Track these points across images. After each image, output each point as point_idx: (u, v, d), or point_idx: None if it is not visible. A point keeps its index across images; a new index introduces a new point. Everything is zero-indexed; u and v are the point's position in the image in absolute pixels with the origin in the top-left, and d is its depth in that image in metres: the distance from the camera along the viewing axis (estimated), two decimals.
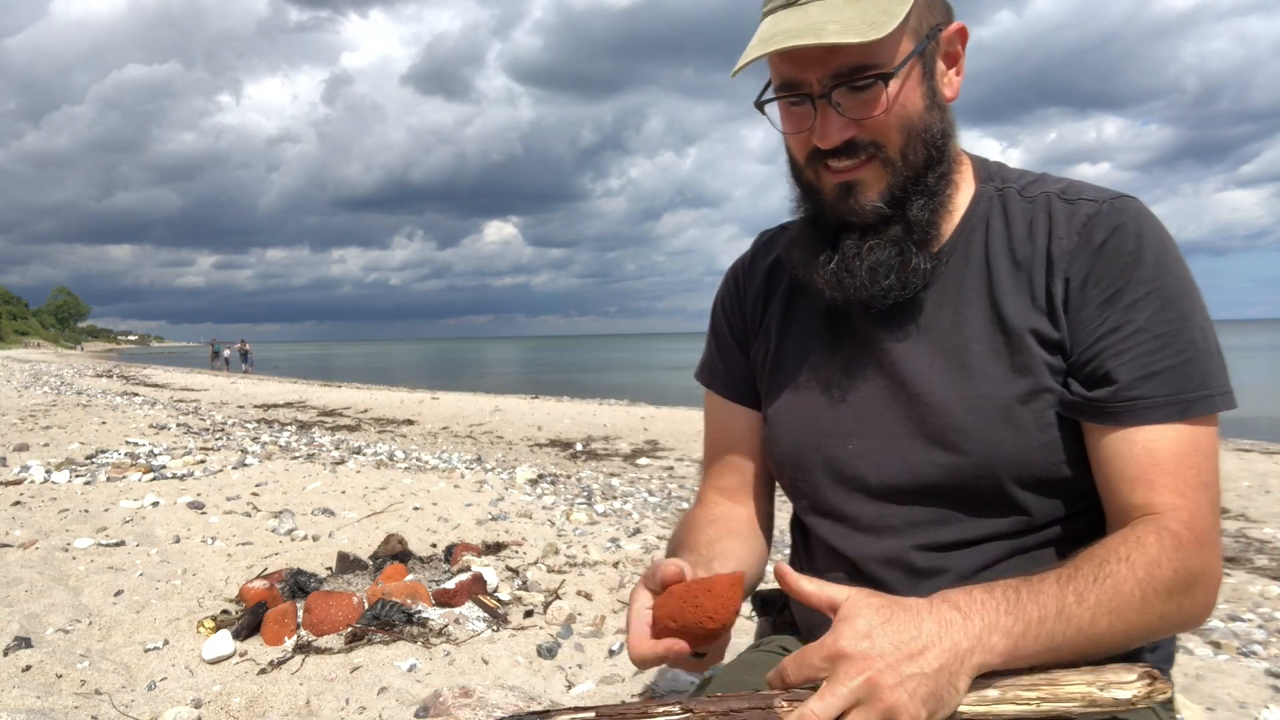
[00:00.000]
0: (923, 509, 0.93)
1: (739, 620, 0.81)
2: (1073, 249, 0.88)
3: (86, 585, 2.84)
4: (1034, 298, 0.90)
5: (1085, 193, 0.92)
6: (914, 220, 0.90)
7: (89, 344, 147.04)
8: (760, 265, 1.13)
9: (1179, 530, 0.81)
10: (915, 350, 0.95)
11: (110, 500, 4.32)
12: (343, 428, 8.53)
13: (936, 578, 0.93)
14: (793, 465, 1.03)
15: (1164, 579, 0.78)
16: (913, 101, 0.87)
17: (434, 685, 2.09)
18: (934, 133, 0.90)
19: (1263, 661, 2.37)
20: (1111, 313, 0.85)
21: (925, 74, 0.88)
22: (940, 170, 0.91)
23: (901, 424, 0.94)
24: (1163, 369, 0.84)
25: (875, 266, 0.90)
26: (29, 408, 10.13)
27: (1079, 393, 0.86)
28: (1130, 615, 0.76)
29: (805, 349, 1.04)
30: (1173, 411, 0.83)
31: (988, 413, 0.89)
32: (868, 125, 0.87)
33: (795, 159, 0.95)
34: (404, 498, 4.59)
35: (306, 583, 2.73)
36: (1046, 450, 0.88)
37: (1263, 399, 15.37)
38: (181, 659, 2.25)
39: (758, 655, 1.10)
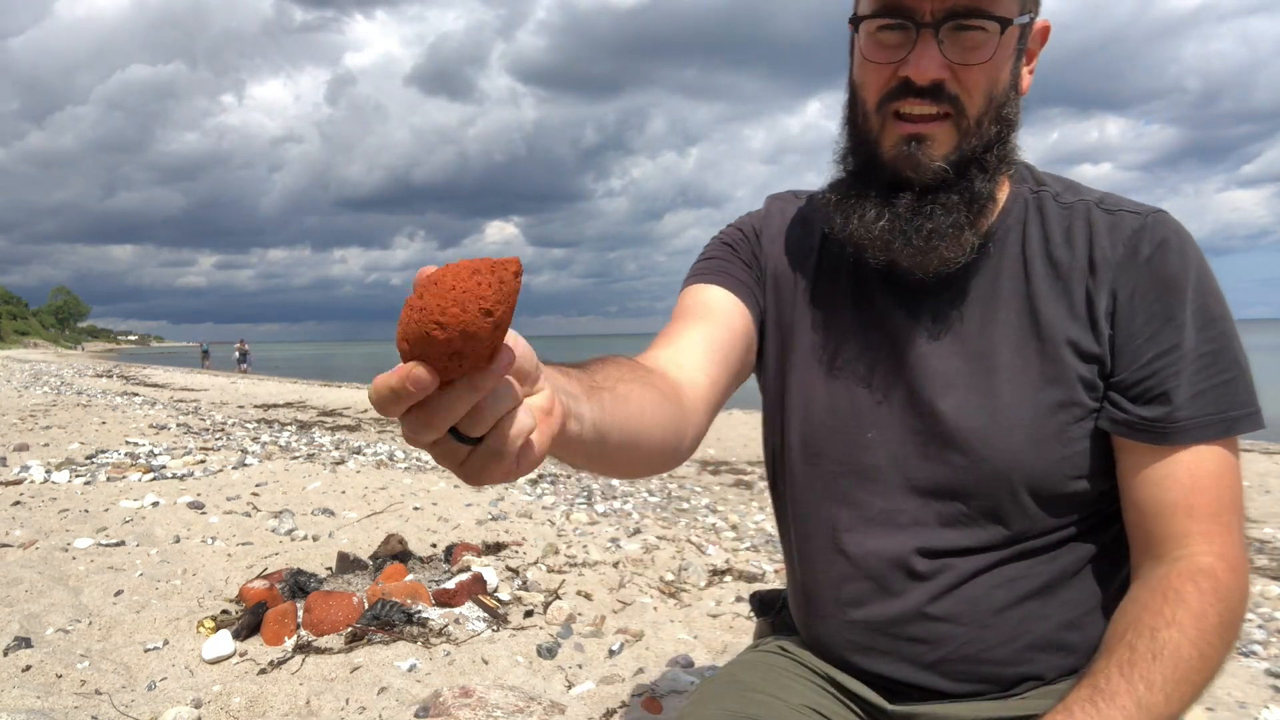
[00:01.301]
0: (932, 508, 0.92)
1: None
2: (1119, 261, 0.87)
3: (86, 585, 2.84)
4: (1072, 306, 0.88)
5: (1124, 205, 0.91)
6: (978, 192, 0.87)
7: (89, 344, 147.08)
8: (777, 218, 1.07)
9: (1214, 567, 0.81)
10: (941, 348, 0.92)
11: (110, 500, 4.32)
12: (343, 428, 8.53)
13: (932, 579, 0.92)
14: (807, 447, 1.00)
15: (1212, 628, 0.79)
16: (1004, 69, 0.85)
17: (434, 685, 2.09)
18: (1008, 111, 0.88)
19: (1263, 661, 2.37)
20: (1163, 331, 0.85)
21: (1018, 49, 0.87)
22: (1002, 152, 0.89)
23: (921, 421, 0.92)
24: (1209, 388, 0.84)
25: (934, 232, 0.86)
26: (29, 408, 10.13)
27: (1133, 411, 0.85)
28: (1195, 679, 0.77)
29: (828, 331, 0.99)
30: (1220, 429, 0.84)
31: (1011, 421, 0.88)
32: (961, 75, 0.83)
33: (864, 100, 0.89)
34: (404, 498, 4.59)
35: (306, 583, 2.73)
36: (1066, 464, 0.87)
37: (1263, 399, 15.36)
38: (181, 659, 2.25)
39: (756, 655, 1.10)
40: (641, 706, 1.99)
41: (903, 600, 0.93)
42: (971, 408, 0.89)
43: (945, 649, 0.92)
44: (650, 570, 3.18)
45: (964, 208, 0.87)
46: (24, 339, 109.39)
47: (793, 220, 1.06)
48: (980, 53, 0.82)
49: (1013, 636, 0.91)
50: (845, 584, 0.98)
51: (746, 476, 5.24)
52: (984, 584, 0.91)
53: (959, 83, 0.84)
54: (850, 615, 0.97)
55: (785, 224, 1.06)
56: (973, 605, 0.91)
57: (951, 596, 0.91)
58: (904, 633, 0.93)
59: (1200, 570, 0.81)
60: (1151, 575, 0.84)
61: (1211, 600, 0.80)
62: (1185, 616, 0.79)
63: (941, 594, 0.91)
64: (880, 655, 0.96)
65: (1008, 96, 0.87)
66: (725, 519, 4.38)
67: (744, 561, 3.32)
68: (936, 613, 0.91)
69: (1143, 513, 0.86)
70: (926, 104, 0.84)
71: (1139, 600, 0.82)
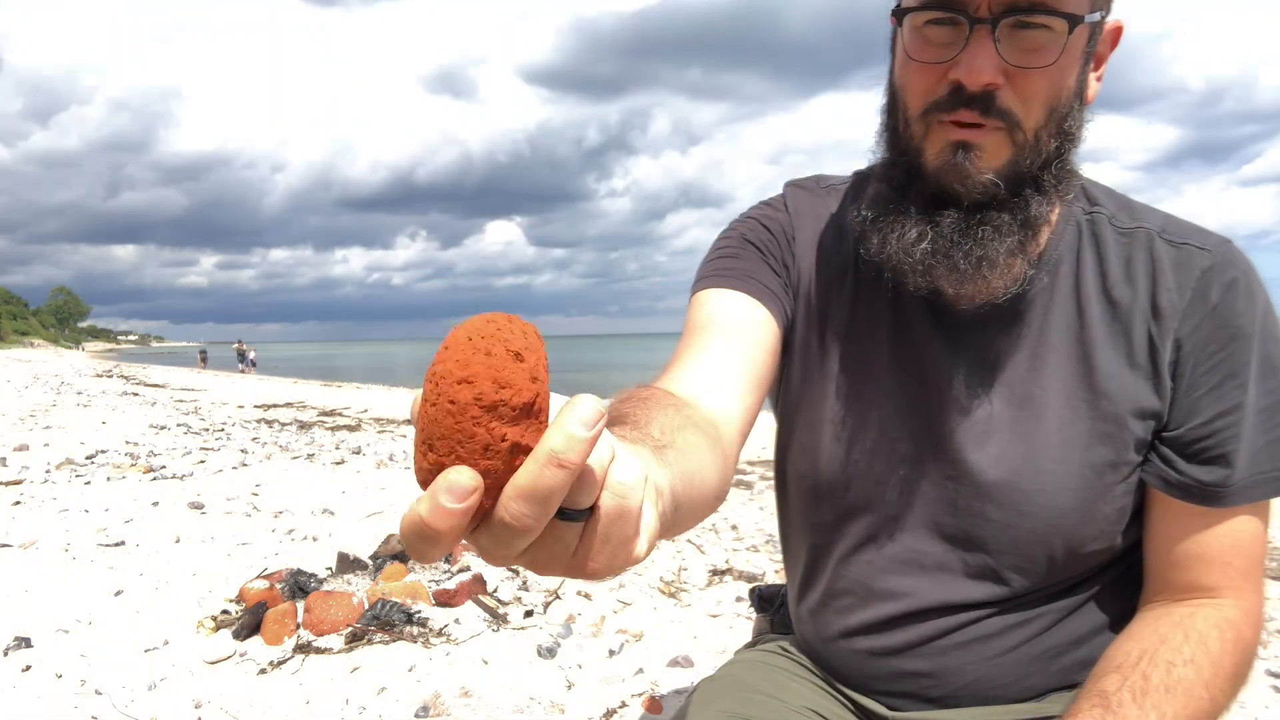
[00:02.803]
0: (957, 556, 0.87)
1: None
2: (1186, 306, 0.79)
3: (86, 585, 2.84)
4: (1132, 354, 0.80)
5: (1190, 236, 0.82)
6: (1034, 215, 0.77)
7: (89, 344, 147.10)
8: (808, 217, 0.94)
9: (1238, 620, 0.80)
10: (983, 391, 0.84)
11: (110, 500, 4.32)
12: (343, 428, 8.53)
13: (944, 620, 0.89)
14: (829, 482, 0.92)
15: (1226, 676, 0.78)
16: (1069, 75, 0.74)
17: (434, 685, 2.09)
18: (1070, 125, 0.77)
19: (1263, 661, 2.37)
20: (1225, 386, 0.78)
21: (1086, 53, 0.76)
22: (1061, 171, 0.78)
23: (954, 468, 0.85)
24: (1264, 444, 0.78)
25: (984, 259, 0.76)
26: (29, 408, 10.13)
27: (1188, 472, 0.79)
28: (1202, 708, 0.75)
29: (859, 360, 0.90)
30: (1274, 488, 0.79)
31: (1056, 480, 0.81)
32: (1019, 80, 0.73)
33: (907, 105, 0.78)
34: (404, 498, 4.59)
35: (306, 583, 2.73)
36: (1105, 521, 0.82)
37: None
38: (181, 659, 2.25)
39: (756, 655, 1.08)
40: (641, 706, 1.99)
41: (908, 634, 0.90)
42: (1013, 461, 0.82)
43: (953, 685, 0.89)
44: (650, 570, 3.18)
45: (1017, 231, 0.76)
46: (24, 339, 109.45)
47: (826, 225, 0.94)
48: (1043, 55, 0.72)
49: (1024, 674, 0.88)
50: (853, 614, 0.94)
51: (746, 476, 5.24)
52: (999, 624, 0.88)
53: (1016, 89, 0.73)
54: (856, 645, 0.94)
55: (818, 229, 0.94)
56: (984, 644, 0.88)
57: (963, 634, 0.88)
58: (909, 667, 0.90)
59: (1226, 620, 0.79)
60: (1175, 611, 0.81)
61: (1231, 650, 0.78)
62: (1204, 659, 0.77)
63: (953, 630, 0.88)
64: (883, 685, 0.93)
65: (1071, 106, 0.76)
66: (725, 518, 4.38)
67: (744, 561, 3.32)
68: (945, 647, 0.88)
69: (1174, 564, 0.82)
70: (977, 114, 0.74)
71: (1159, 632, 0.79)
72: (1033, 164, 0.76)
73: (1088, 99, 0.79)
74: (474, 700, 2.01)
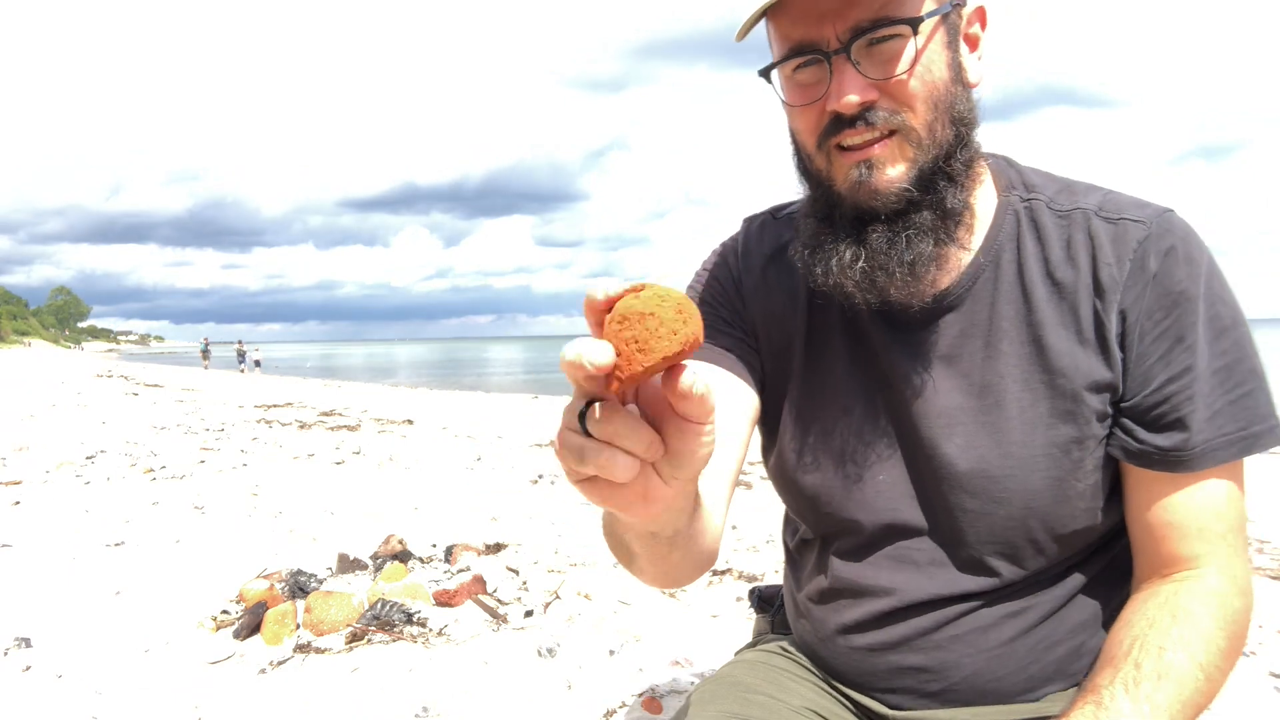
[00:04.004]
0: (943, 550, 0.90)
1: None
2: (1126, 278, 0.81)
3: (86, 585, 2.84)
4: (1080, 331, 0.83)
5: (1126, 210, 0.84)
6: (950, 208, 0.81)
7: (89, 344, 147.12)
8: (756, 254, 1.00)
9: (1224, 589, 0.80)
10: (943, 385, 0.87)
11: (110, 500, 4.32)
12: (343, 427, 8.53)
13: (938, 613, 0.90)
14: (815, 499, 0.96)
15: (1219, 652, 0.78)
16: (937, 67, 0.79)
17: (434, 686, 2.09)
18: (960, 110, 0.81)
19: (1263, 661, 2.37)
20: (1174, 351, 0.80)
21: (950, 41, 0.80)
22: (966, 156, 0.82)
23: (927, 464, 0.88)
24: (1225, 405, 0.80)
25: (916, 260, 0.80)
26: (29, 407, 10.13)
27: (1147, 440, 0.81)
28: (1199, 701, 0.76)
29: (824, 376, 0.94)
30: (1239, 449, 0.80)
31: (1024, 463, 0.83)
32: (890, 89, 0.77)
33: (804, 145, 0.84)
34: (404, 497, 4.59)
35: (306, 583, 2.73)
36: (1081, 499, 0.84)
37: None
38: (181, 659, 2.25)
39: (756, 655, 1.09)
40: (641, 706, 1.99)
41: (905, 630, 0.91)
42: (980, 449, 0.85)
43: (951, 679, 0.89)
44: None
45: (939, 225, 0.81)
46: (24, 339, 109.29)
47: (772, 255, 0.99)
48: (900, 61, 0.76)
49: (1022, 666, 0.89)
50: (848, 611, 0.95)
51: (746, 476, 5.24)
52: (993, 615, 0.88)
53: (892, 98, 0.77)
54: (853, 642, 0.95)
55: (764, 263, 0.99)
56: (980, 636, 0.88)
57: (959, 626, 0.89)
58: (907, 662, 0.91)
59: (1210, 592, 0.80)
60: (1160, 591, 0.82)
61: (1220, 623, 0.79)
62: (1194, 638, 0.77)
63: (949, 623, 0.89)
64: (882, 682, 0.94)
65: (953, 93, 0.80)
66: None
67: (744, 561, 3.32)
68: (943, 640, 0.89)
69: (1152, 535, 0.83)
70: (864, 131, 0.78)
71: (1146, 615, 0.80)
72: (936, 157, 0.79)
73: (971, 82, 0.82)
74: (474, 701, 2.01)
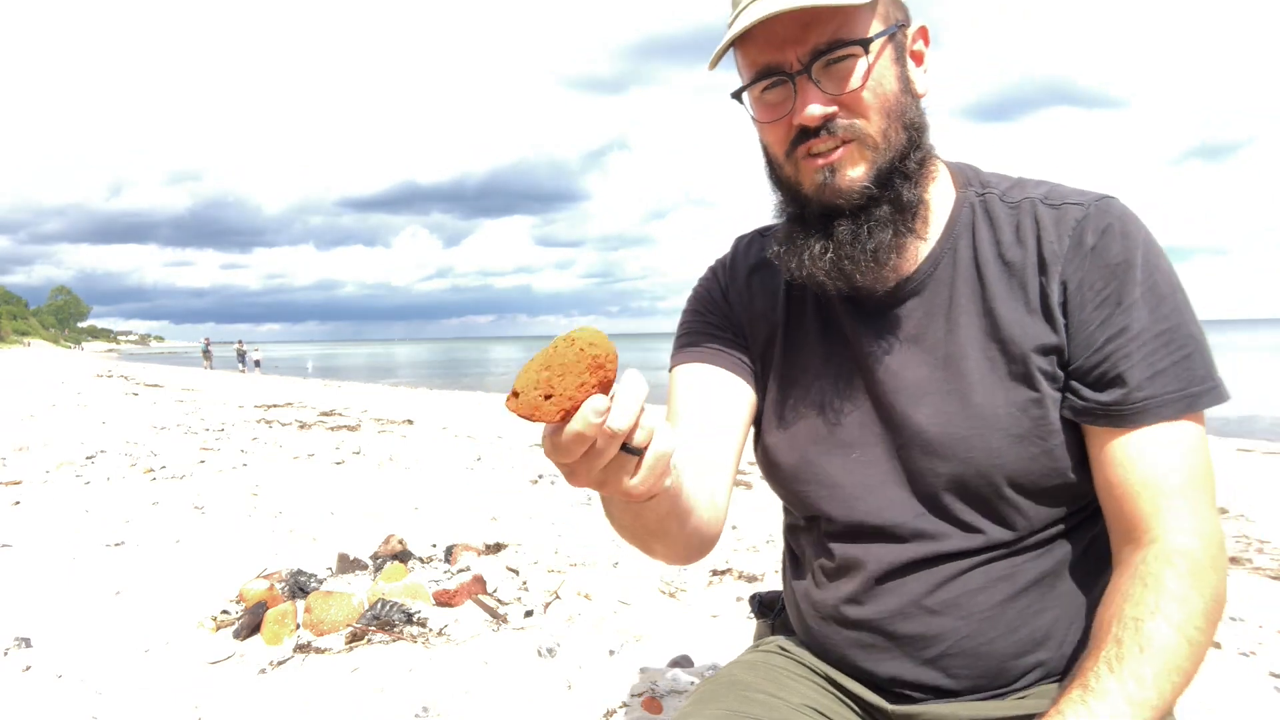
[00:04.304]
0: (924, 515, 0.94)
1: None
2: (1065, 252, 0.90)
3: (87, 585, 2.84)
4: (1028, 302, 0.91)
5: (1069, 196, 0.93)
6: (906, 201, 0.91)
7: (89, 344, 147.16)
8: (742, 266, 1.11)
9: (1189, 546, 0.82)
10: (910, 361, 0.95)
11: (110, 500, 4.32)
12: (343, 428, 8.53)
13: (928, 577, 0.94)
14: (798, 480, 1.03)
15: (1196, 611, 0.80)
16: (887, 81, 0.89)
17: (434, 685, 2.09)
18: (910, 117, 0.91)
19: (1263, 661, 2.37)
20: (1113, 315, 0.87)
21: (897, 57, 0.91)
22: (919, 156, 0.92)
23: (901, 434, 0.95)
24: (1167, 366, 0.85)
25: (879, 249, 0.90)
26: (29, 407, 10.13)
27: (1090, 397, 0.87)
28: (1185, 666, 0.78)
29: (804, 364, 1.03)
30: (1181, 406, 0.85)
31: (987, 423, 0.90)
32: (847, 102, 0.88)
33: (774, 156, 0.94)
34: (404, 497, 4.60)
35: (306, 583, 2.74)
36: (1047, 458, 0.89)
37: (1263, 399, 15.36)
38: (181, 659, 2.25)
39: (757, 655, 1.10)
40: (641, 706, 1.99)
41: (899, 598, 0.95)
42: (947, 414, 0.92)
43: (944, 644, 0.93)
44: (650, 570, 3.18)
45: (897, 217, 0.91)
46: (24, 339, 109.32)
47: (756, 265, 1.10)
48: (855, 77, 0.87)
49: (1012, 629, 0.92)
50: (843, 586, 0.99)
51: (746, 476, 5.24)
52: (980, 578, 0.92)
53: (850, 110, 0.88)
54: (848, 614, 0.98)
55: (748, 273, 1.10)
56: (970, 600, 0.92)
57: (948, 592, 0.93)
58: (902, 630, 0.94)
59: (1176, 551, 0.82)
60: (1130, 561, 0.85)
61: (1191, 582, 0.81)
62: (1169, 604, 0.80)
63: (937, 588, 0.93)
64: (880, 653, 0.97)
65: (903, 103, 0.90)
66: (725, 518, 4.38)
67: (744, 561, 3.32)
68: (934, 607, 0.93)
69: (1113, 495, 0.87)
70: (826, 140, 0.89)
71: (1121, 590, 0.83)
72: (891, 159, 0.90)
73: (918, 93, 0.93)
74: (474, 701, 2.01)
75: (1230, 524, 4.13)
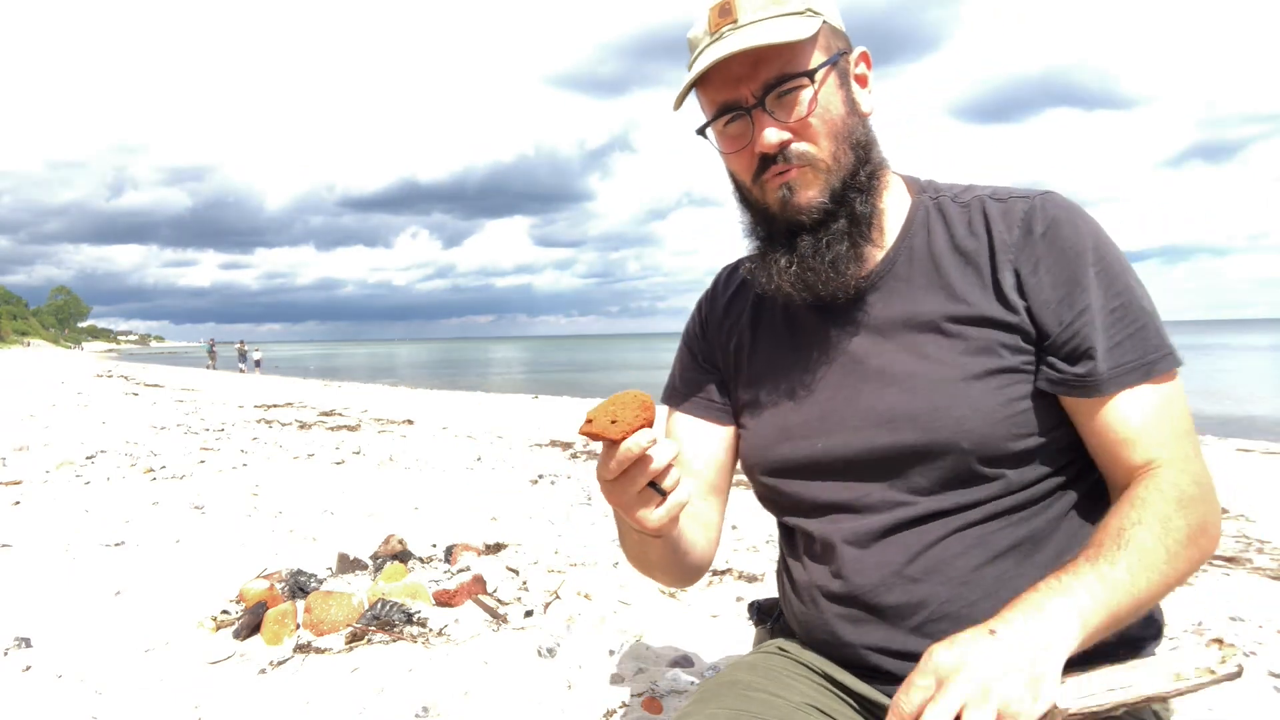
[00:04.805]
0: (896, 487, 0.99)
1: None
2: (1016, 241, 0.98)
3: (86, 585, 2.84)
4: (983, 283, 0.99)
5: (1014, 193, 1.02)
6: (859, 214, 1.01)
7: (89, 344, 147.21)
8: (722, 296, 1.22)
9: (1177, 480, 0.90)
10: (873, 347, 1.03)
11: (110, 500, 4.32)
12: (343, 427, 8.53)
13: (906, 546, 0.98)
14: (768, 473, 1.10)
15: (1179, 528, 0.87)
16: (835, 106, 0.99)
17: (434, 685, 2.09)
18: (858, 137, 1.01)
19: (1263, 661, 2.37)
20: (1074, 295, 0.94)
21: (841, 83, 1.00)
22: (869, 170, 1.02)
23: (866, 415, 1.01)
24: (1125, 337, 0.94)
25: (836, 259, 1.00)
26: (29, 407, 10.13)
27: (1065, 369, 0.95)
28: (1162, 568, 0.85)
29: (771, 364, 1.12)
30: (1141, 373, 0.93)
31: (949, 393, 0.97)
32: (798, 129, 0.98)
33: (742, 183, 1.04)
34: (404, 497, 4.60)
35: (306, 583, 2.74)
36: (1011, 424, 0.95)
37: (1263, 399, 15.37)
38: (181, 659, 2.25)
39: (756, 656, 1.12)
40: (641, 706, 1.99)
41: (879, 569, 0.99)
42: (912, 391, 0.99)
43: (927, 610, 0.96)
44: None
45: (852, 228, 1.00)
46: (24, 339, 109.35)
47: (733, 291, 1.21)
48: (805, 106, 0.97)
49: (992, 592, 0.94)
50: (824, 563, 1.04)
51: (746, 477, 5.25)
52: (957, 544, 0.96)
53: (802, 136, 0.98)
54: (831, 589, 1.02)
55: (726, 300, 1.22)
56: (949, 565, 0.96)
57: (926, 559, 0.97)
58: (885, 600, 0.98)
59: (1167, 481, 0.90)
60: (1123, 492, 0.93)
61: (1177, 508, 0.88)
62: (1150, 517, 0.87)
63: (916, 557, 0.97)
64: (866, 626, 1.00)
65: (850, 124, 1.00)
66: (726, 518, 4.39)
67: (744, 561, 3.33)
68: (914, 574, 0.97)
69: (1104, 456, 0.96)
70: (783, 166, 0.99)
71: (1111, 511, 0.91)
72: (843, 176, 1.00)
73: (864, 112, 1.03)
74: (474, 701, 2.01)
75: (1230, 524, 4.13)
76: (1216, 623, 2.70)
